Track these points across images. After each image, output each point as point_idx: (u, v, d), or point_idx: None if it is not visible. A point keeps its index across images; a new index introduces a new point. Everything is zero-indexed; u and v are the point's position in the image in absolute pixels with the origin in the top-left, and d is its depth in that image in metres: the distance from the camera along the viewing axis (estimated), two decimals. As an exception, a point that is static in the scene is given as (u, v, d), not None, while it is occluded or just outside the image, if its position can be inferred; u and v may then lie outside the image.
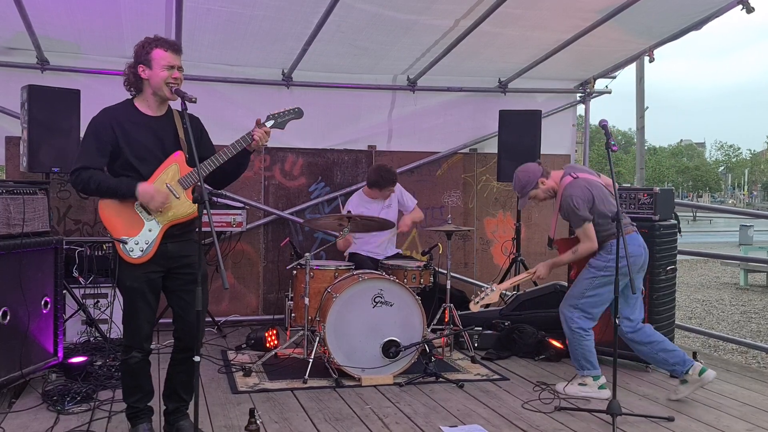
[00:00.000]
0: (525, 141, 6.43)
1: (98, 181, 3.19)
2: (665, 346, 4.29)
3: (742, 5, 5.06)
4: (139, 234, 3.24)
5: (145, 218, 3.26)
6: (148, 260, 3.25)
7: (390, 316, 4.66)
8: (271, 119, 3.45)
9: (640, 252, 4.28)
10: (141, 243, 3.24)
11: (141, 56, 3.24)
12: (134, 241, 3.23)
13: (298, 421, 3.85)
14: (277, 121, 3.46)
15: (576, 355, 4.38)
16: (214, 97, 6.08)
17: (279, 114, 3.47)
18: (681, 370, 4.23)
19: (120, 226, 3.24)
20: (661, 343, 4.30)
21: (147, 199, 3.20)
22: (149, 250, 3.25)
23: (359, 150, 6.84)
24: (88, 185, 3.20)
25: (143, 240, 3.24)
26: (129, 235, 3.23)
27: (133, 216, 3.24)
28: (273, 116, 3.46)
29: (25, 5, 4.89)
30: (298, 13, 5.22)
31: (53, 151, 5.05)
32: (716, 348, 7.14)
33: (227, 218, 5.83)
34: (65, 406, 3.92)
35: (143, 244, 3.24)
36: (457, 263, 7.10)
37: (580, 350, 4.34)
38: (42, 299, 4.28)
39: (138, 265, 3.24)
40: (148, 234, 3.25)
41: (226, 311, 6.43)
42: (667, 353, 4.27)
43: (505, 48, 6.13)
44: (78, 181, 3.21)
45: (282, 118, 3.47)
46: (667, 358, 4.26)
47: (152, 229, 3.26)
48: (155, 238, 3.26)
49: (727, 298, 11.04)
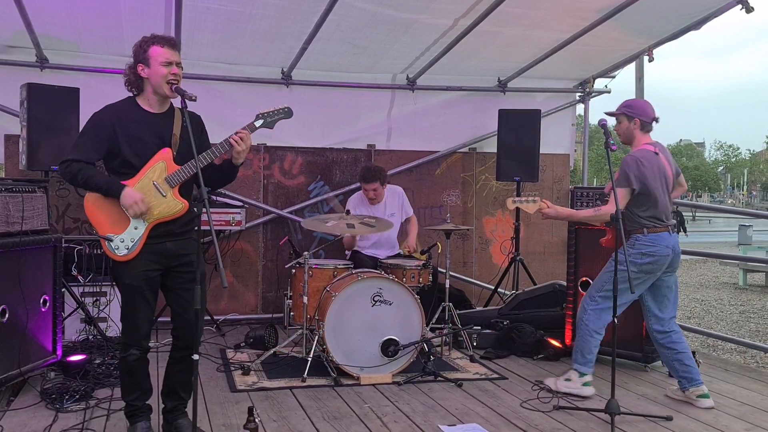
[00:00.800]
0: (524, 140, 6.44)
1: (87, 176, 3.20)
2: (683, 358, 4.23)
3: (742, 5, 5.05)
4: (125, 232, 3.24)
5: (131, 216, 3.25)
6: (135, 257, 3.24)
7: (389, 315, 4.66)
8: (260, 118, 3.43)
9: (666, 252, 4.16)
10: (126, 241, 3.24)
11: (139, 55, 3.25)
12: (120, 238, 3.23)
13: (297, 420, 3.85)
14: (266, 120, 3.44)
15: (576, 345, 4.39)
16: (213, 96, 6.09)
17: (268, 113, 3.45)
18: (686, 385, 4.23)
19: (106, 224, 3.24)
20: (681, 354, 4.24)
21: (126, 206, 3.19)
22: (135, 247, 3.25)
23: (358, 149, 6.84)
24: (76, 178, 3.20)
25: (129, 238, 3.24)
26: (114, 233, 3.23)
27: (119, 213, 3.24)
28: (262, 115, 3.44)
29: (24, 4, 4.89)
30: (298, 12, 5.22)
31: (52, 149, 5.05)
32: (715, 348, 7.15)
33: (226, 217, 5.84)
34: (64, 404, 3.92)
35: (129, 242, 3.24)
36: (456, 262, 7.10)
37: (581, 343, 4.33)
38: (41, 297, 4.28)
39: (136, 262, 3.24)
40: (133, 231, 3.25)
41: (225, 310, 6.43)
42: (681, 365, 4.23)
43: (504, 47, 6.13)
44: (67, 172, 3.22)
45: (271, 117, 3.45)
46: (679, 369, 4.24)
47: (138, 227, 3.26)
48: (141, 235, 3.25)
49: (726, 297, 11.05)
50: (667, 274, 4.27)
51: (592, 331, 4.28)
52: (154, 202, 3.25)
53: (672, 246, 4.20)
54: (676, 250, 4.24)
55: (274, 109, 3.47)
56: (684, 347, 4.26)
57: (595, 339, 4.29)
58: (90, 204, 3.26)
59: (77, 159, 3.21)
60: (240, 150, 3.32)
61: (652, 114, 4.29)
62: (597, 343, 4.31)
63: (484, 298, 6.84)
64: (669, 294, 4.30)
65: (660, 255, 4.14)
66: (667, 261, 4.20)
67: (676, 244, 4.25)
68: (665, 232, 4.19)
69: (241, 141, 3.30)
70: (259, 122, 3.43)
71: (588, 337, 4.30)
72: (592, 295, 4.33)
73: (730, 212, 10.85)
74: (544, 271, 7.00)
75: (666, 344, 4.27)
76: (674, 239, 4.25)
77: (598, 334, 4.29)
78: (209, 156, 3.26)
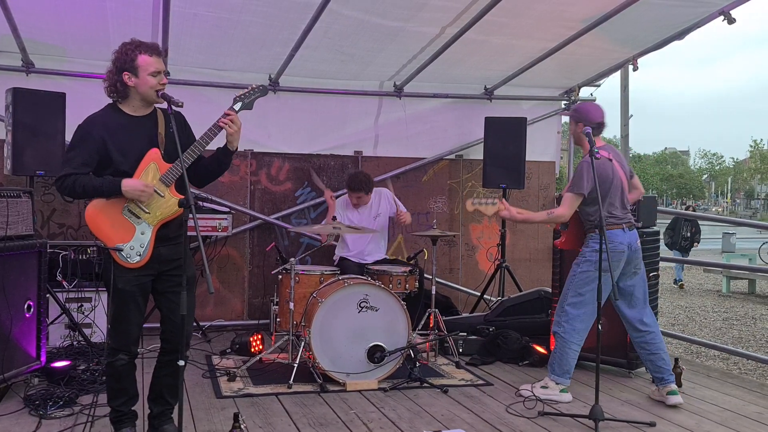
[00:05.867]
0: (510, 148, 6.48)
1: (83, 184, 3.18)
2: (655, 359, 4.37)
3: (724, 16, 5.12)
4: (133, 239, 3.24)
5: (135, 222, 3.25)
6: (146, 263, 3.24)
7: (375, 321, 4.67)
8: (238, 101, 3.40)
9: (621, 249, 4.23)
10: (137, 247, 3.24)
11: (125, 63, 3.20)
12: (129, 246, 3.22)
13: (283, 426, 3.84)
14: (244, 102, 3.41)
15: (554, 357, 4.43)
16: (200, 102, 6.07)
17: (245, 95, 3.42)
18: (658, 384, 4.41)
19: (112, 235, 3.22)
20: (653, 355, 4.38)
21: (136, 195, 3.18)
22: (146, 252, 3.25)
23: (346, 155, 6.85)
24: (74, 189, 3.18)
25: (138, 244, 3.24)
26: (122, 242, 3.22)
27: (122, 222, 3.24)
28: (240, 98, 3.41)
29: (11, 8, 4.87)
30: (285, 19, 5.23)
31: (38, 154, 5.01)
32: (698, 354, 7.21)
33: (213, 222, 5.82)
34: (47, 411, 3.89)
35: (139, 248, 3.24)
36: (443, 269, 7.12)
37: (559, 356, 4.38)
38: (25, 303, 4.25)
39: (131, 268, 3.24)
40: (141, 237, 3.25)
41: (211, 316, 6.41)
42: (653, 365, 4.40)
43: (491, 55, 6.17)
44: (64, 186, 3.19)
45: (248, 98, 3.42)
46: (651, 368, 4.43)
47: (144, 232, 3.26)
48: (149, 239, 3.25)
49: (709, 304, 11.15)
50: (631, 276, 4.36)
51: (570, 343, 4.34)
52: (154, 204, 3.25)
53: (627, 242, 4.28)
54: (633, 247, 4.31)
55: (249, 89, 3.44)
56: (657, 348, 4.38)
57: (573, 350, 4.35)
58: (91, 219, 3.24)
59: (70, 173, 3.18)
60: (232, 132, 3.31)
61: (599, 118, 4.39)
62: (575, 354, 4.36)
63: (470, 304, 6.86)
64: (637, 293, 4.40)
65: (614, 251, 4.21)
66: (623, 257, 4.27)
67: (633, 241, 4.34)
68: (618, 230, 4.27)
69: (232, 123, 3.30)
70: (238, 105, 3.40)
71: (566, 350, 4.34)
72: (562, 308, 4.40)
73: (714, 220, 10.95)
74: (529, 278, 7.04)
75: (640, 344, 4.43)
76: (630, 236, 4.32)
77: (576, 345, 4.35)
78: (199, 148, 3.26)
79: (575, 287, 4.33)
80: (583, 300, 4.30)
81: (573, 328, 4.32)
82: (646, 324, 4.40)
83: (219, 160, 3.43)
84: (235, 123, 3.31)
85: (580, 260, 4.36)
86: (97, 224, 3.24)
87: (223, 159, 3.43)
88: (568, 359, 4.34)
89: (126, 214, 3.24)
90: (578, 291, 4.32)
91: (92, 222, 3.24)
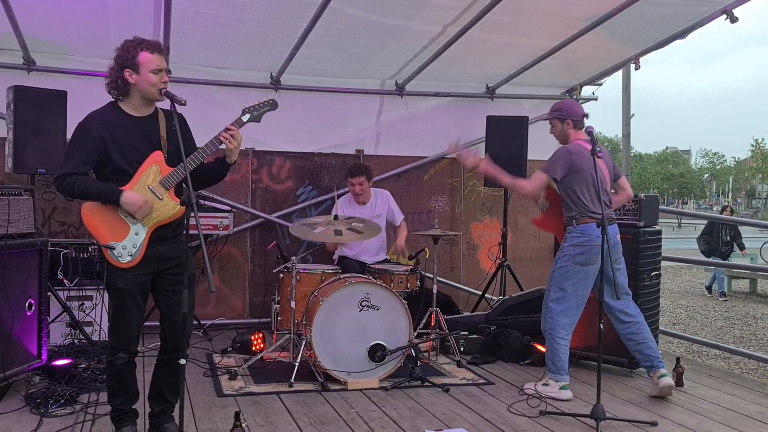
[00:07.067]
0: (512, 146, 6.46)
1: (83, 187, 3.18)
2: (643, 348, 4.48)
3: (726, 15, 5.11)
4: (126, 238, 3.23)
5: (131, 222, 3.24)
6: (137, 263, 3.23)
7: (376, 319, 4.67)
8: (247, 113, 3.41)
9: (597, 242, 4.16)
10: (129, 247, 3.23)
11: (127, 60, 3.19)
12: (122, 245, 3.22)
13: (284, 425, 3.84)
14: (253, 114, 3.41)
15: (547, 355, 4.49)
16: (202, 100, 6.07)
17: (254, 107, 3.43)
18: (650, 373, 4.52)
19: (106, 232, 3.22)
20: (641, 344, 4.48)
21: (133, 210, 3.18)
22: (138, 253, 3.24)
23: (347, 154, 6.84)
24: (73, 190, 3.18)
25: (131, 244, 3.23)
26: (116, 240, 3.22)
27: (118, 221, 3.23)
28: (248, 109, 3.41)
29: (12, 6, 4.87)
30: (287, 18, 5.23)
31: (39, 152, 5.01)
32: (700, 354, 7.20)
33: (214, 221, 5.82)
34: (48, 409, 3.89)
35: (131, 248, 3.23)
36: (444, 268, 7.12)
37: (550, 353, 4.43)
38: (26, 301, 4.25)
39: (129, 267, 3.23)
40: (135, 237, 3.24)
41: (212, 314, 6.41)
42: (642, 355, 4.50)
43: (492, 54, 6.17)
44: (63, 186, 3.19)
45: (257, 111, 3.43)
46: (641, 358, 4.53)
47: (139, 233, 3.25)
48: (143, 241, 3.25)
49: (711, 304, 11.13)
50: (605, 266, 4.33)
51: (557, 339, 4.38)
52: (152, 206, 3.24)
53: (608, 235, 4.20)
54: (611, 241, 4.28)
55: (259, 102, 3.46)
56: (643, 337, 4.46)
57: (562, 346, 4.38)
58: (87, 214, 3.24)
59: (70, 172, 3.17)
60: (232, 147, 3.32)
61: (581, 111, 4.58)
62: (565, 349, 4.39)
63: (471, 303, 6.86)
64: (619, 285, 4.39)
65: (591, 245, 4.25)
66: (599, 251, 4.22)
67: (612, 235, 4.34)
68: (593, 224, 4.28)
69: (232, 138, 3.30)
70: (246, 117, 3.41)
71: (555, 345, 4.39)
72: (546, 305, 4.45)
73: (716, 220, 10.92)
74: (530, 277, 7.04)
75: (627, 335, 4.50)
76: (609, 230, 4.19)
77: (564, 339, 4.39)
78: (200, 157, 3.25)
79: (556, 283, 4.40)
80: (565, 295, 4.35)
81: (558, 324, 4.37)
82: (629, 315, 4.48)
83: (216, 170, 3.44)
84: (235, 138, 3.31)
85: (559, 255, 4.43)
86: (92, 221, 3.24)
87: (221, 170, 3.45)
88: (559, 355, 4.37)
89: (122, 214, 3.23)
90: (559, 286, 4.38)
91: (87, 218, 3.24)
